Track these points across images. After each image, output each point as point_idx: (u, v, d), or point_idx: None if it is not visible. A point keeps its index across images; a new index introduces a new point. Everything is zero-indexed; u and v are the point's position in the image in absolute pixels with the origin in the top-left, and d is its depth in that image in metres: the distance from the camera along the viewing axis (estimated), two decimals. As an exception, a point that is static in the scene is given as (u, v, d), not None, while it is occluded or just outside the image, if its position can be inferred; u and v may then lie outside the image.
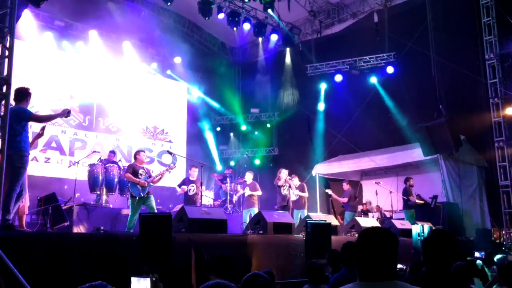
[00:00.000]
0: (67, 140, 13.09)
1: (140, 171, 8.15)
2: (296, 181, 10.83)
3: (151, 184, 8.17)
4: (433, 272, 2.26)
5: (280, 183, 10.52)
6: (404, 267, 5.44)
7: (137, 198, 7.96)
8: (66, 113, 5.90)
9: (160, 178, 8.44)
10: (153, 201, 8.12)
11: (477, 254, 7.80)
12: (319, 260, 6.19)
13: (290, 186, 10.47)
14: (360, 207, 13.49)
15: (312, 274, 4.48)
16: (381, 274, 1.88)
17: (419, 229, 8.85)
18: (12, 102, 5.21)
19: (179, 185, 9.93)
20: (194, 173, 9.82)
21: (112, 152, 11.25)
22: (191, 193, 9.71)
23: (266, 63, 16.83)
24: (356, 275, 1.93)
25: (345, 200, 11.44)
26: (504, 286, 3.29)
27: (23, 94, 5.71)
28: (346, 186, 11.71)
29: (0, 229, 5.29)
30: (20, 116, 5.49)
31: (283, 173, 10.61)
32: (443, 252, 2.27)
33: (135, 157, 8.55)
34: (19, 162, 5.40)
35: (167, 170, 8.67)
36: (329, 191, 11.95)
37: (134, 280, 2.80)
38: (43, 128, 6.37)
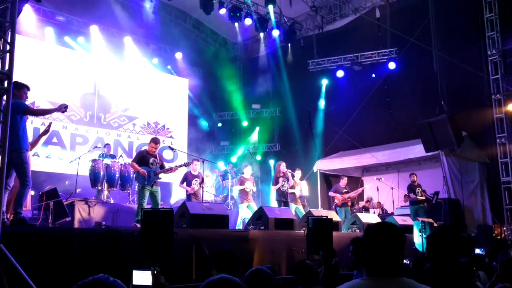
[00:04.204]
0: (68, 135, 13.09)
1: (151, 160, 7.98)
2: (298, 174, 10.73)
3: (160, 176, 8.06)
4: (438, 268, 2.26)
5: (278, 176, 10.25)
6: (408, 262, 5.45)
7: (141, 187, 7.86)
8: (63, 108, 5.86)
9: (172, 171, 8.34)
10: (158, 194, 8.00)
11: (477, 251, 7.79)
12: (314, 256, 6.23)
13: (288, 179, 10.25)
14: (362, 203, 13.52)
15: (301, 275, 4.01)
16: (388, 269, 1.88)
17: (420, 225, 8.86)
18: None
19: (183, 182, 9.76)
20: (197, 167, 9.71)
21: (108, 146, 11.22)
22: (196, 187, 9.62)
23: (268, 59, 16.80)
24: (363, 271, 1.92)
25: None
26: (506, 283, 3.28)
27: (17, 88, 5.70)
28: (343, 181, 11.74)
29: (11, 223, 5.29)
30: (16, 109, 5.47)
31: (282, 166, 10.36)
32: (449, 248, 2.27)
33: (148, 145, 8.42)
34: (18, 159, 5.39)
35: (182, 165, 8.59)
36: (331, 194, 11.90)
37: (135, 273, 2.81)
38: (49, 125, 6.35)
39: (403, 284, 1.85)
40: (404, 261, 5.94)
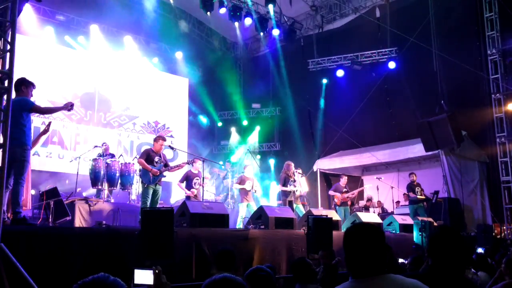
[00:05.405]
0: (69, 134, 13.10)
1: (156, 159, 8.03)
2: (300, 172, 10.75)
3: (164, 175, 8.12)
4: (438, 268, 2.26)
5: (287, 176, 10.21)
6: (406, 262, 5.46)
7: (147, 185, 7.90)
8: (69, 106, 5.87)
9: (178, 169, 8.40)
10: (159, 193, 8.05)
11: (480, 250, 7.81)
12: (313, 255, 6.25)
13: (294, 180, 10.25)
14: (362, 202, 13.53)
15: (299, 272, 4.05)
16: (371, 269, 1.88)
17: (420, 224, 8.87)
18: (13, 93, 5.18)
19: (182, 181, 9.72)
20: (199, 165, 9.71)
21: (106, 144, 11.18)
22: (196, 186, 9.53)
23: (268, 58, 16.80)
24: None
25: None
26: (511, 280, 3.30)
27: (24, 85, 5.70)
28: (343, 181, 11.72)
29: (12, 222, 5.29)
30: (23, 106, 5.47)
31: (292, 166, 10.33)
32: (450, 249, 2.27)
33: (153, 143, 8.42)
34: (21, 156, 5.37)
35: (187, 163, 8.65)
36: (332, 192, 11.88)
37: (137, 272, 2.82)
38: (48, 125, 6.35)
39: (389, 281, 1.86)
40: (401, 260, 5.96)
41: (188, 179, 9.55)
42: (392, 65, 13.56)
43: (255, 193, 10.38)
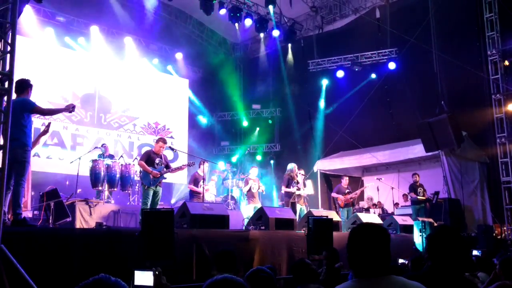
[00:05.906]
0: (69, 136, 13.10)
1: (157, 160, 8.08)
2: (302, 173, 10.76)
3: (165, 176, 8.16)
4: (438, 268, 2.26)
5: (291, 178, 10.17)
6: (406, 262, 5.45)
7: (147, 187, 7.94)
8: (70, 108, 5.88)
9: (178, 170, 8.50)
10: (159, 195, 8.10)
11: (475, 252, 7.79)
12: (314, 256, 6.25)
13: (298, 182, 10.25)
14: (363, 203, 13.52)
15: (299, 273, 4.01)
16: (375, 270, 1.88)
17: (420, 225, 8.88)
18: (13, 94, 5.18)
19: (192, 183, 9.86)
20: (205, 167, 9.83)
21: (105, 146, 11.18)
22: (204, 187, 9.67)
23: (268, 59, 16.81)
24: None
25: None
26: (506, 281, 3.30)
27: (24, 85, 5.71)
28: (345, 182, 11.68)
29: (12, 224, 5.29)
30: (24, 107, 5.48)
31: (296, 168, 10.33)
32: (449, 248, 2.27)
33: (154, 145, 8.52)
34: (22, 157, 5.37)
35: (188, 165, 8.70)
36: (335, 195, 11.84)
37: (137, 273, 2.83)
38: (48, 125, 6.35)
39: (391, 282, 1.86)
40: (401, 260, 5.96)
41: (196, 181, 9.77)
42: (392, 65, 13.57)
43: (261, 191, 10.44)
